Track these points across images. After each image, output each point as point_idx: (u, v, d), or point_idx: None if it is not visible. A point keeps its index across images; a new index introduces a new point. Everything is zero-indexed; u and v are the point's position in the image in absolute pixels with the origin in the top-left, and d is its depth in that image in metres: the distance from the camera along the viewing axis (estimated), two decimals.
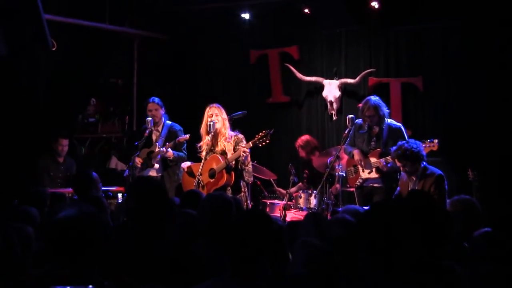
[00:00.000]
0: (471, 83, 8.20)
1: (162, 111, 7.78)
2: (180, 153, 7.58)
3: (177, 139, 7.51)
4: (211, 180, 6.90)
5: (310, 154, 8.39)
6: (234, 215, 3.88)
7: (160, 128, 7.75)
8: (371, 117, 6.91)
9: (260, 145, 6.71)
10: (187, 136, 7.52)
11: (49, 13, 7.74)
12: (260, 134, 6.71)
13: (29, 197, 5.11)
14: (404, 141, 6.24)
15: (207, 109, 7.08)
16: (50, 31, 7.52)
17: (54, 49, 7.71)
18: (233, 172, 6.88)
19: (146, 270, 2.99)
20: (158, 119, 7.73)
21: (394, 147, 6.33)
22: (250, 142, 6.75)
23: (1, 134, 8.44)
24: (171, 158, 7.51)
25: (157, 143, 7.60)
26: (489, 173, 7.46)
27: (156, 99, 7.81)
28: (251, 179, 7.09)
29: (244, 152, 6.71)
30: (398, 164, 6.30)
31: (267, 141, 6.71)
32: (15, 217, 4.10)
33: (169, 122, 7.81)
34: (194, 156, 7.38)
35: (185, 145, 7.65)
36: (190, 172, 7.19)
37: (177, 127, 7.77)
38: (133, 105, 9.92)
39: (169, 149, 7.42)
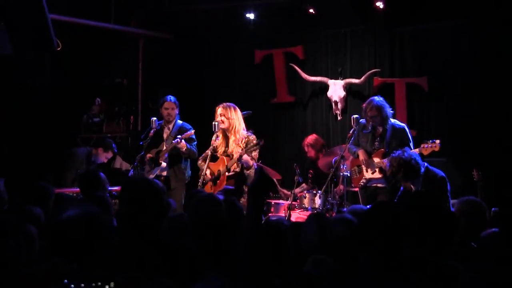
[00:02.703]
0: (477, 83, 8.18)
1: (177, 111, 7.71)
2: (192, 148, 7.52)
3: (185, 134, 7.45)
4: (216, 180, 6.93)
5: (319, 153, 8.36)
6: (224, 216, 3.90)
7: (171, 127, 7.70)
8: (373, 118, 6.90)
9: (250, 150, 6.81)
10: (192, 131, 7.49)
11: (54, 12, 7.77)
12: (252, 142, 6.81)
13: (33, 192, 5.10)
14: (398, 153, 6.11)
15: (216, 107, 7.09)
16: (55, 31, 7.55)
17: (59, 48, 7.74)
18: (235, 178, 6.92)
19: (141, 268, 3.00)
20: (172, 118, 7.67)
21: (388, 164, 6.25)
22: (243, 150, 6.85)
23: (6, 133, 8.48)
24: (184, 149, 7.35)
25: (165, 142, 7.57)
26: (494, 173, 7.44)
27: (173, 98, 7.70)
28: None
29: (237, 156, 6.80)
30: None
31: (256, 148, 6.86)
32: (19, 216, 4.10)
33: (180, 121, 7.73)
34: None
35: (195, 142, 7.60)
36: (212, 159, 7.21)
37: (188, 126, 7.65)
38: (138, 105, 9.94)
39: (183, 140, 7.31)
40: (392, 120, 7.00)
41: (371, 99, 7.01)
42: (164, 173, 7.62)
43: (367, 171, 7.00)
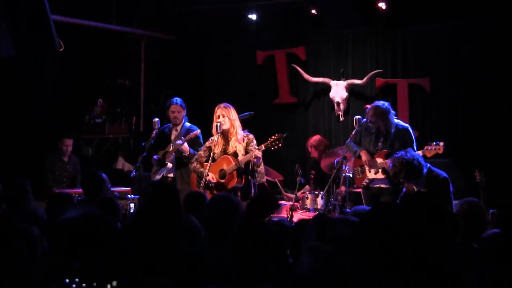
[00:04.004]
0: (479, 84, 8.17)
1: (184, 113, 7.65)
2: (197, 152, 7.47)
3: (189, 135, 7.40)
4: (221, 181, 6.84)
5: (322, 154, 8.33)
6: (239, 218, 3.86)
7: (179, 129, 7.66)
8: (373, 123, 6.91)
9: (272, 148, 6.67)
10: (197, 131, 7.46)
11: (56, 13, 7.78)
12: (273, 137, 6.65)
13: (11, 189, 5.11)
14: (401, 154, 6.12)
15: (216, 109, 7.01)
16: (57, 32, 7.55)
17: (61, 50, 7.73)
18: (244, 176, 6.82)
19: (153, 268, 3.00)
20: (179, 121, 7.60)
21: (390, 164, 6.26)
22: (263, 145, 6.67)
23: (9, 134, 8.49)
24: (186, 154, 7.27)
25: (171, 144, 7.53)
26: (496, 174, 7.43)
27: (179, 100, 7.63)
28: (264, 179, 6.98)
29: (256, 154, 6.65)
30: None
31: (280, 145, 6.66)
32: (21, 217, 4.10)
33: (188, 124, 7.66)
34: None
35: (202, 147, 7.55)
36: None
37: (195, 128, 7.57)
38: (140, 106, 9.95)
39: (185, 143, 7.25)
40: (396, 120, 6.98)
41: (375, 105, 6.95)
42: (171, 175, 7.58)
43: (369, 171, 6.99)
